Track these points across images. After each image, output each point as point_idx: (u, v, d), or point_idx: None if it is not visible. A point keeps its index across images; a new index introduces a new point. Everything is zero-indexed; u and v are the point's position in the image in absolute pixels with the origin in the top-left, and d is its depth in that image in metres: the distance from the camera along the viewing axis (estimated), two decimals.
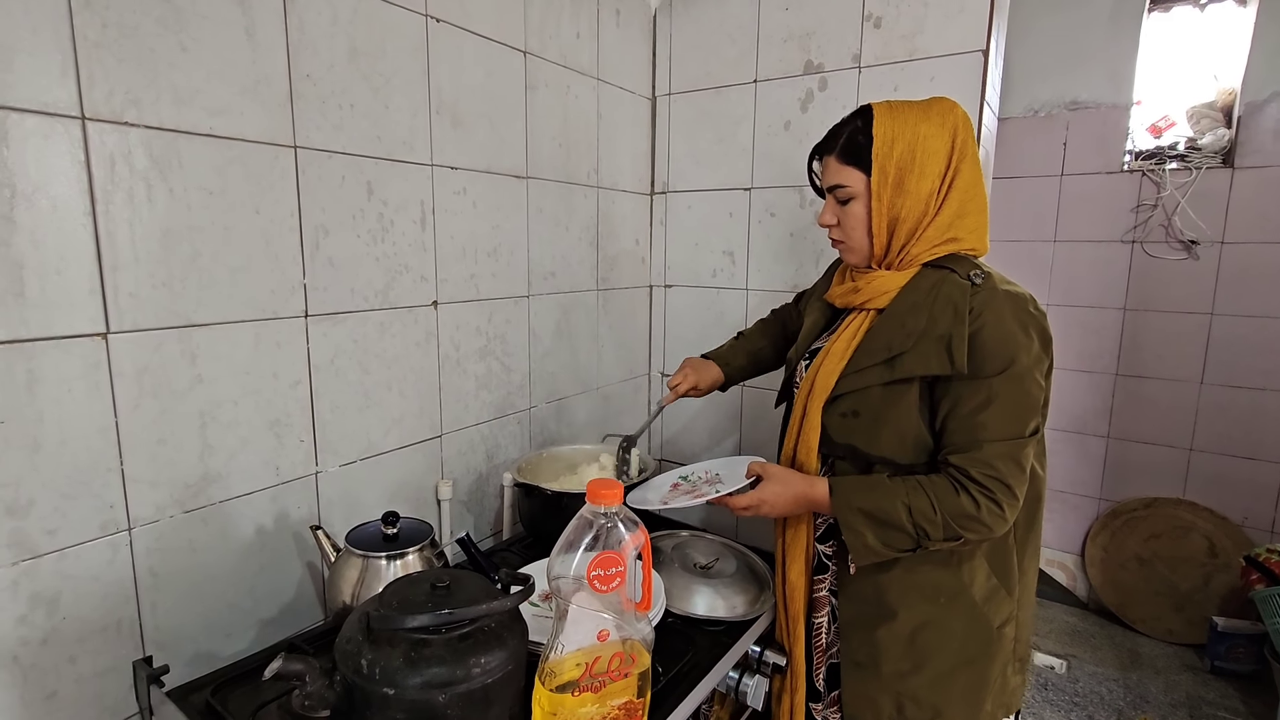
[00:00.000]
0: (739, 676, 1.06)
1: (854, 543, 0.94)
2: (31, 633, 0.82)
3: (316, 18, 1.02)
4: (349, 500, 1.17)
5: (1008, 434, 0.91)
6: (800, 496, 0.99)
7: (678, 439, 1.96)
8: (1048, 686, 2.32)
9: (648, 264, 1.91)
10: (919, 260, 0.99)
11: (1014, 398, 0.91)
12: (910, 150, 0.95)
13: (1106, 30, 2.56)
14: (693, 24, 1.75)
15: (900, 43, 1.46)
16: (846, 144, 0.99)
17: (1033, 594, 1.09)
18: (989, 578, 1.01)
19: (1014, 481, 0.90)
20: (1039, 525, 1.05)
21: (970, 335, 0.91)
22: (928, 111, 0.96)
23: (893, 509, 0.92)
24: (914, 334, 0.94)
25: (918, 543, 0.92)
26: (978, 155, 0.98)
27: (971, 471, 0.90)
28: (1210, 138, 2.46)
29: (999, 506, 0.90)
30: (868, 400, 0.98)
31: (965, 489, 0.90)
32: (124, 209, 0.85)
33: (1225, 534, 2.51)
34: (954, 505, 0.90)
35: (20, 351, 0.78)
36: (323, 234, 1.07)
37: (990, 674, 1.03)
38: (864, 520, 0.93)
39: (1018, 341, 0.91)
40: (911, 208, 0.96)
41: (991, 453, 0.90)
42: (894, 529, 0.92)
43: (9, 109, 0.75)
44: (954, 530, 0.90)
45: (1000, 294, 0.93)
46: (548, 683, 0.73)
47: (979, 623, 1.01)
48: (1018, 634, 1.05)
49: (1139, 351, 2.65)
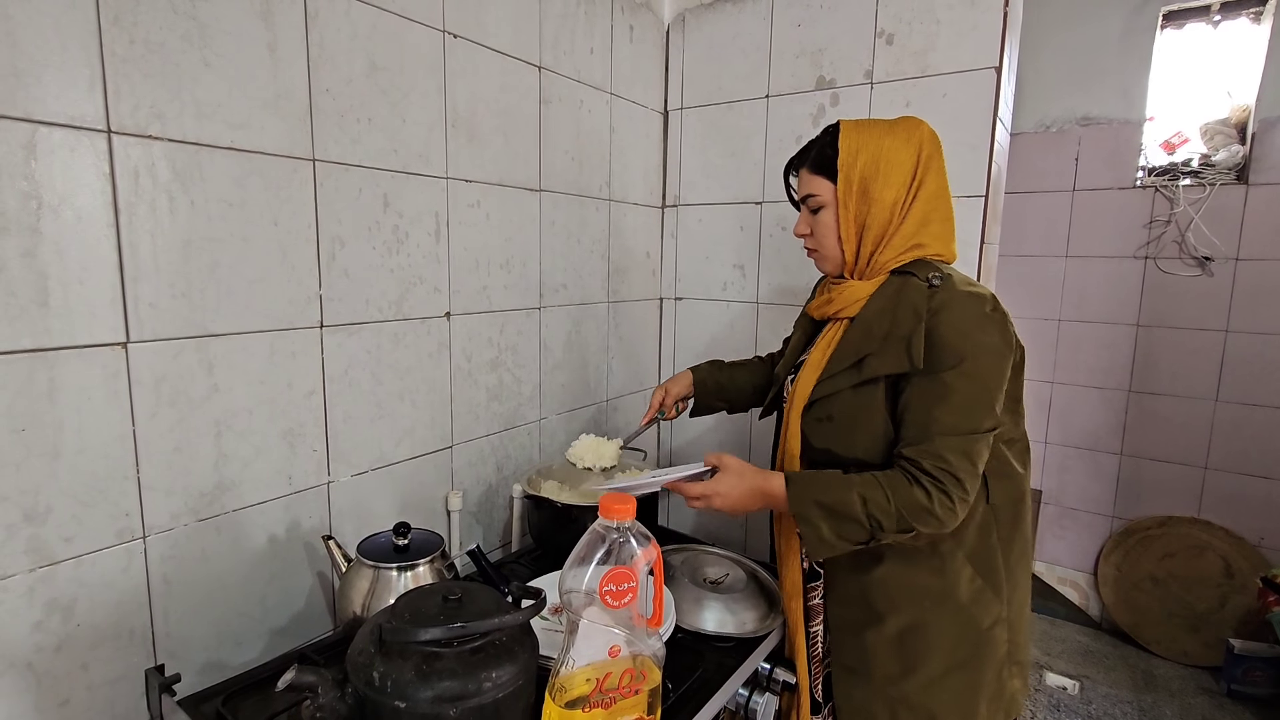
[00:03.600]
0: (749, 694, 1.05)
1: (809, 535, 0.95)
2: (46, 639, 0.83)
3: (336, 34, 1.04)
4: (360, 510, 1.17)
5: (960, 428, 0.91)
6: (754, 490, 1.00)
7: (684, 451, 1.95)
8: (1060, 708, 2.28)
9: (658, 277, 1.91)
10: (887, 268, 1.03)
11: (967, 392, 0.92)
12: (874, 161, 1.00)
13: (1119, 46, 2.56)
14: (705, 39, 1.76)
15: (912, 59, 1.47)
16: (816, 156, 1.05)
17: (1025, 598, 1.08)
18: (973, 579, 1.01)
19: (964, 475, 0.91)
20: (1025, 527, 1.06)
21: (927, 332, 0.93)
22: (893, 128, 1.02)
23: (848, 501, 0.92)
24: (879, 336, 0.98)
25: (871, 534, 0.93)
26: (943, 169, 1.03)
27: (923, 463, 0.91)
28: (1224, 154, 2.45)
29: (949, 499, 0.90)
30: (840, 404, 1.01)
31: (918, 480, 0.91)
32: (146, 220, 0.86)
33: (1241, 554, 2.47)
34: (907, 497, 0.91)
35: (43, 360, 0.79)
36: (339, 246, 1.08)
37: (982, 677, 1.03)
38: (819, 513, 0.94)
39: (973, 338, 0.92)
40: (877, 215, 1.01)
41: (942, 445, 0.91)
42: (849, 521, 0.92)
43: (38, 122, 0.76)
44: (906, 522, 0.91)
45: (959, 294, 0.95)
46: (558, 698, 0.73)
47: (967, 624, 1.01)
48: (1011, 636, 1.05)
49: (1152, 368, 2.63)
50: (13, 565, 0.79)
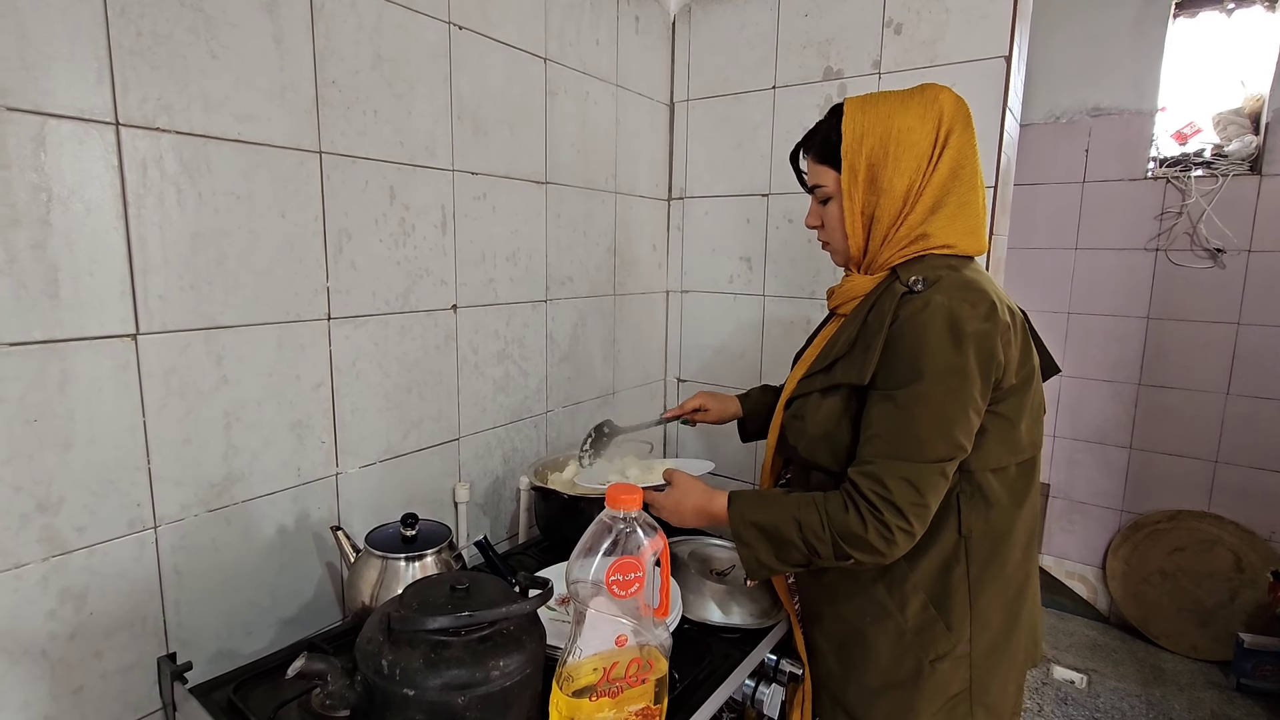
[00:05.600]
0: (755, 685, 1.06)
1: (746, 557, 0.91)
2: (60, 627, 0.84)
3: (342, 25, 1.04)
4: (368, 502, 1.18)
5: (906, 454, 0.83)
6: (698, 508, 0.98)
7: (690, 445, 1.95)
8: (1068, 701, 2.28)
9: (664, 269, 1.91)
10: (889, 263, 0.93)
11: (919, 416, 0.82)
12: (882, 145, 0.89)
13: (1130, 36, 2.53)
14: (711, 30, 1.75)
15: (921, 49, 1.45)
16: (820, 142, 0.96)
17: (1001, 641, 0.96)
18: (925, 608, 0.93)
19: (904, 504, 0.82)
20: (1008, 567, 0.94)
21: (886, 343, 0.86)
22: (907, 102, 0.90)
23: (785, 524, 0.87)
24: (849, 342, 0.92)
25: (808, 559, 0.88)
26: (969, 143, 0.90)
27: (862, 487, 0.84)
28: (1237, 144, 2.42)
29: (887, 529, 0.82)
30: (809, 406, 0.97)
31: (855, 505, 0.84)
32: (154, 213, 0.86)
33: (1252, 548, 2.46)
34: (842, 523, 0.84)
35: (54, 351, 0.80)
36: (346, 238, 1.08)
37: (919, 706, 0.95)
38: (757, 534, 0.90)
39: (933, 356, 0.82)
40: (888, 206, 0.91)
41: (885, 470, 0.83)
42: (787, 544, 0.88)
43: (47, 114, 0.77)
44: (842, 549, 0.84)
45: (933, 305, 0.83)
46: (565, 687, 0.73)
47: (907, 651, 0.94)
48: (976, 677, 0.94)
49: (1162, 361, 2.61)
50: (26, 554, 0.80)
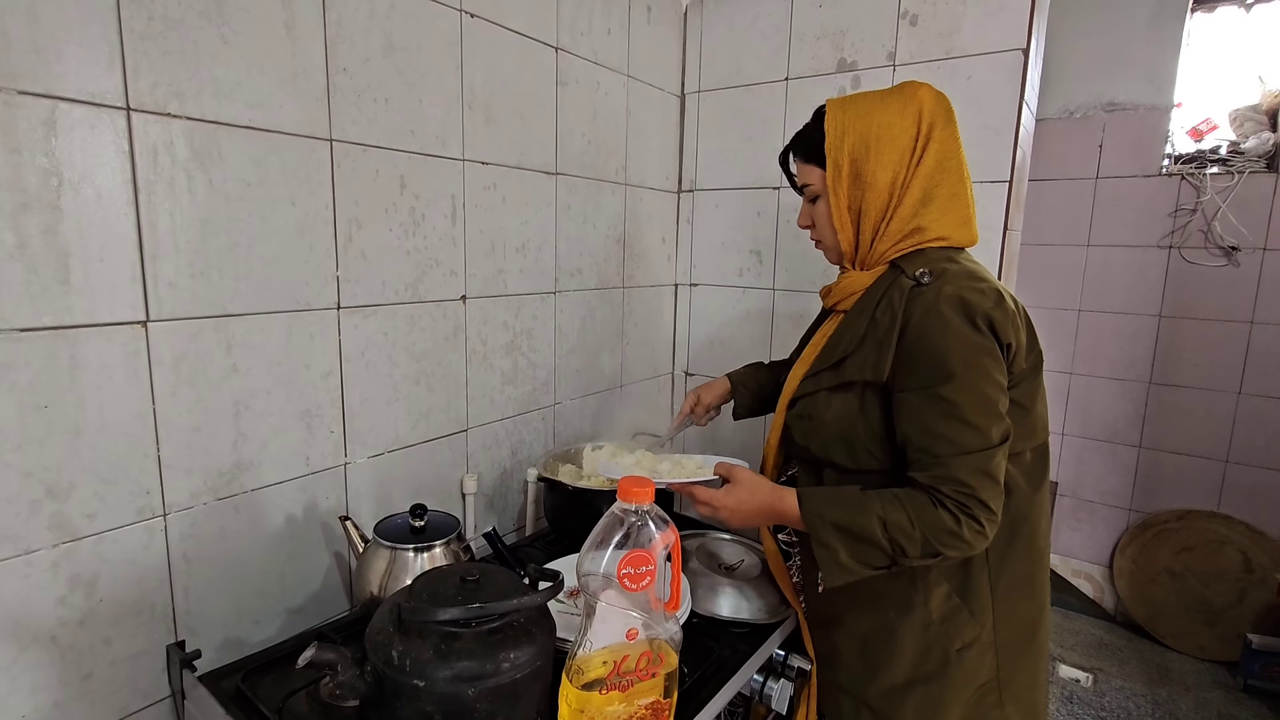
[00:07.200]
0: (764, 680, 1.05)
1: (826, 559, 0.87)
2: (70, 614, 0.84)
3: (354, 12, 1.03)
4: (376, 492, 1.17)
5: (971, 445, 0.83)
6: (765, 507, 0.94)
7: (699, 440, 1.94)
8: (1073, 700, 2.27)
9: (674, 262, 1.90)
10: (886, 258, 0.95)
11: (970, 405, 0.83)
12: (863, 140, 0.92)
13: (1147, 30, 2.50)
14: (724, 21, 1.73)
15: (937, 41, 1.44)
16: (805, 142, 0.99)
17: (1026, 631, 0.98)
18: (949, 596, 0.93)
19: (988, 495, 0.83)
20: (1028, 549, 0.96)
21: (901, 340, 0.86)
22: (886, 99, 0.93)
23: (867, 523, 0.84)
24: (856, 338, 0.92)
25: (893, 560, 0.85)
26: (952, 137, 0.93)
27: (942, 489, 0.83)
28: (1254, 141, 2.39)
29: (978, 523, 0.83)
30: (817, 404, 0.96)
31: (943, 504, 0.83)
32: (165, 199, 0.86)
33: (1261, 549, 2.44)
34: (933, 519, 0.83)
35: (64, 338, 0.79)
36: (356, 227, 1.07)
37: (948, 697, 0.95)
38: (836, 535, 0.86)
39: (961, 342, 0.84)
40: (873, 200, 0.93)
41: (958, 468, 0.83)
42: (868, 544, 0.85)
43: (58, 99, 0.76)
44: (933, 546, 0.83)
45: (945, 296, 0.85)
46: (575, 680, 0.73)
47: (933, 642, 0.94)
48: (1001, 666, 0.95)
49: (1174, 359, 2.58)
50: (37, 540, 0.80)
